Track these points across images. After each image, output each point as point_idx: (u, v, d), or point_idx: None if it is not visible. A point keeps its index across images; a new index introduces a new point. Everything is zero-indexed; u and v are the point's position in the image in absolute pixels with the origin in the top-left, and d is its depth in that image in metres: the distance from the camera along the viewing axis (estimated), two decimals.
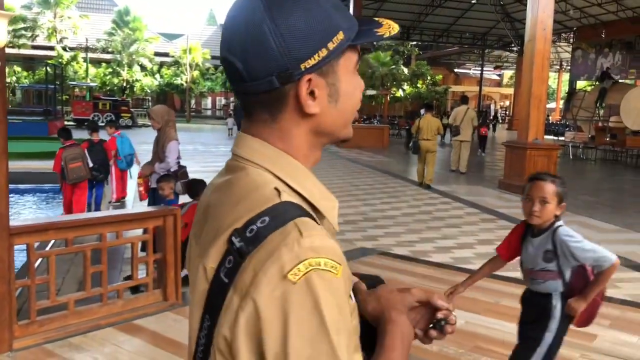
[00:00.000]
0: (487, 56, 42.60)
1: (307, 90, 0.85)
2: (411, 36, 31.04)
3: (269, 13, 0.82)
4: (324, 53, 0.84)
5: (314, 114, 0.87)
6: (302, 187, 0.87)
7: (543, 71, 10.63)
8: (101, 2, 47.54)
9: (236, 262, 0.77)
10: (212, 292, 0.81)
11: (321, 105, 0.88)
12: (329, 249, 0.77)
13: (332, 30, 0.85)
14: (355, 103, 0.94)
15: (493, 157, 18.41)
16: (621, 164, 17.99)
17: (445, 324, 1.06)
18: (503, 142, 12.88)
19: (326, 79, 0.87)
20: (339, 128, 0.94)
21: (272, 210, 0.79)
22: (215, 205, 0.89)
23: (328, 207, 0.91)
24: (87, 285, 4.10)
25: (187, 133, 23.63)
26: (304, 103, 0.86)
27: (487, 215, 8.71)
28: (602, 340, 4.09)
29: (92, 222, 4.23)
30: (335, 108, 0.90)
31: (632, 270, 6.00)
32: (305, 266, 0.73)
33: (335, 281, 0.76)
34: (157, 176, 5.65)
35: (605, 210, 9.33)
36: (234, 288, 0.76)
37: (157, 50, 40.79)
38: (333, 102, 0.89)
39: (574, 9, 23.66)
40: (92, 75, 37.96)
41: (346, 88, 0.90)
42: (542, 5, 10.34)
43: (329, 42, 0.84)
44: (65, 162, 7.69)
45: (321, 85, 0.86)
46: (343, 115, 0.92)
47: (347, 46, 0.88)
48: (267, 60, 0.82)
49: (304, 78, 0.84)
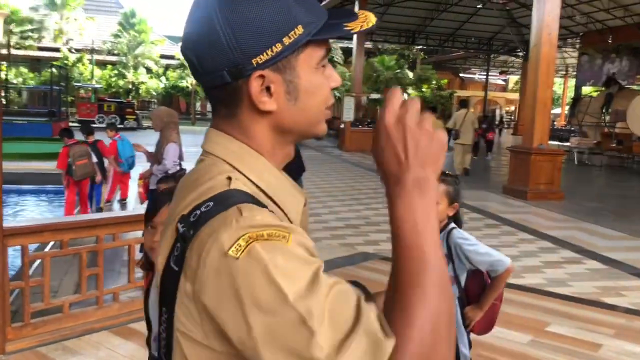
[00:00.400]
0: (493, 61, 42.49)
1: (259, 87, 0.81)
2: (417, 40, 30.99)
3: (218, 6, 0.79)
4: (279, 48, 0.79)
5: (269, 111, 0.83)
6: (259, 179, 0.84)
7: (548, 76, 10.56)
8: (107, 4, 47.64)
9: (182, 248, 0.75)
10: (165, 282, 0.79)
11: (278, 102, 0.83)
12: (274, 224, 0.72)
13: (289, 24, 0.80)
14: (321, 101, 0.87)
15: (498, 162, 18.31)
16: (627, 170, 17.85)
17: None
18: (507, 147, 12.81)
19: (283, 76, 0.82)
20: (304, 126, 0.88)
21: (218, 196, 0.77)
22: (174, 199, 0.87)
23: (290, 202, 0.87)
24: (82, 287, 4.05)
25: (192, 136, 23.48)
26: (256, 100, 0.82)
27: (491, 220, 8.61)
28: (607, 350, 4.00)
29: (88, 223, 4.17)
30: (295, 106, 0.84)
31: (637, 278, 5.90)
32: (246, 240, 0.69)
33: (285, 247, 0.70)
34: (156, 178, 5.61)
35: (610, 217, 9.22)
36: (184, 274, 0.74)
37: (162, 52, 40.85)
38: (292, 99, 0.84)
39: (580, 14, 23.54)
40: (98, 77, 38.06)
41: (307, 86, 0.84)
42: (548, 10, 10.27)
43: (285, 36, 0.79)
44: (73, 159, 7.96)
45: (278, 81, 0.82)
46: (305, 113, 0.86)
47: (309, 41, 0.82)
48: (217, 55, 0.80)
49: (255, 74, 0.80)
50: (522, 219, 8.63)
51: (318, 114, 0.88)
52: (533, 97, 10.58)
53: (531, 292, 5.23)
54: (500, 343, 4.04)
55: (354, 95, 20.25)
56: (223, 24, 0.78)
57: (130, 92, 39.04)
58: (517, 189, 10.82)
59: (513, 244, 7.19)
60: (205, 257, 0.70)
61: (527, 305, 4.88)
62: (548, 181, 10.74)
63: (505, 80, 55.02)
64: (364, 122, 22.30)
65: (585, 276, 5.91)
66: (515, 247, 6.99)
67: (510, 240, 7.35)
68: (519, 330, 4.29)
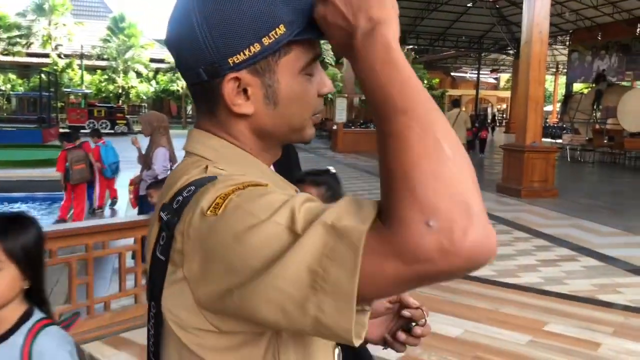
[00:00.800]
0: (484, 59, 42.56)
1: (234, 89, 0.76)
2: (407, 40, 30.99)
3: (197, 2, 0.75)
4: (257, 48, 0.74)
5: (245, 114, 0.78)
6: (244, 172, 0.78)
7: (540, 74, 10.55)
8: (96, 9, 47.38)
9: (168, 237, 0.72)
10: (153, 274, 0.76)
11: (256, 106, 0.78)
12: (254, 182, 0.69)
13: (270, 23, 0.74)
14: (304, 109, 0.81)
15: (491, 161, 18.32)
16: (619, 166, 17.90)
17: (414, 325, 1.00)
18: (501, 145, 12.80)
19: (262, 79, 0.77)
20: (286, 132, 0.82)
21: (198, 180, 0.74)
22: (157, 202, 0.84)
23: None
24: (72, 297, 3.97)
25: (183, 139, 23.40)
26: (229, 102, 0.77)
27: None
28: (606, 348, 3.96)
29: (77, 232, 4.09)
30: (274, 111, 0.79)
31: (633, 274, 5.87)
32: (223, 197, 0.66)
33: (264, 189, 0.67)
34: (146, 184, 5.54)
35: (604, 213, 9.21)
36: (171, 262, 0.71)
37: (152, 56, 40.66)
38: (271, 105, 0.78)
39: (569, 12, 23.62)
40: (87, 82, 37.87)
41: (287, 92, 0.78)
42: (538, 8, 10.26)
43: (265, 36, 0.74)
44: (71, 163, 8.25)
45: (256, 84, 0.77)
46: (286, 120, 0.80)
47: (294, 45, 0.76)
48: (195, 52, 0.76)
49: (229, 76, 0.75)
50: (517, 217, 8.61)
51: (301, 121, 0.82)
52: (525, 95, 10.56)
53: (528, 291, 5.20)
54: (499, 344, 4.00)
55: (345, 97, 20.22)
56: (200, 21, 0.74)
57: (120, 96, 38.87)
58: (511, 187, 10.80)
59: (509, 242, 7.16)
60: (188, 229, 0.68)
61: (525, 304, 4.84)
62: (542, 179, 10.73)
63: (496, 78, 55.20)
64: (357, 123, 22.29)
65: (582, 274, 5.88)
66: (510, 246, 6.95)
67: (506, 239, 7.31)
68: (517, 330, 4.25)
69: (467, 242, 0.54)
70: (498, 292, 5.16)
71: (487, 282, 5.45)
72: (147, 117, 5.99)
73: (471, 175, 0.59)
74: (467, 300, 4.95)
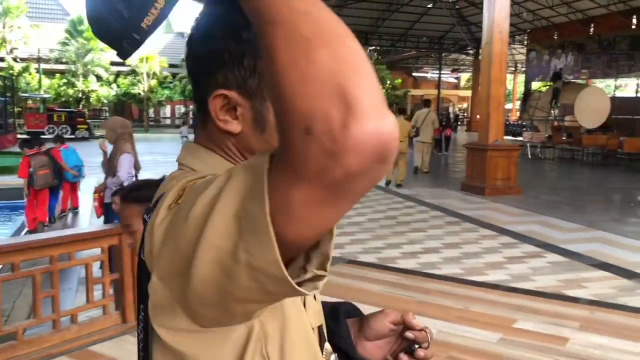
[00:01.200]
0: (444, 59, 43.17)
1: (220, 105, 0.76)
2: (370, 41, 31.20)
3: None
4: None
5: (231, 131, 0.78)
6: None
7: (501, 73, 10.74)
8: (53, 11, 46.18)
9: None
10: (139, 277, 0.75)
11: (244, 126, 0.78)
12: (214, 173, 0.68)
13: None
14: None
15: (455, 159, 18.60)
16: (578, 162, 18.38)
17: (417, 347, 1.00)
18: (464, 144, 12.99)
19: (252, 102, 0.76)
20: None
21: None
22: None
23: None
24: (37, 311, 3.84)
25: (145, 143, 23.09)
26: (215, 118, 0.77)
27: (452, 218, 8.69)
28: (573, 343, 4.05)
29: (40, 243, 3.95)
30: (261, 137, 0.78)
31: (596, 269, 6.03)
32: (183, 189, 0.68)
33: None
34: (111, 191, 5.42)
35: (567, 209, 9.44)
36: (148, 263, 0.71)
37: (113, 59, 39.80)
38: (259, 129, 0.78)
39: (527, 12, 24.16)
40: (46, 87, 36.85)
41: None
42: (498, 9, 10.45)
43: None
44: (35, 168, 8.38)
45: (246, 106, 0.77)
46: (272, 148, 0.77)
47: None
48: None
49: (216, 92, 0.75)
50: (482, 215, 8.75)
51: None
52: (487, 95, 10.74)
53: (496, 289, 5.28)
54: (470, 343, 4.04)
55: None
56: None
57: (80, 100, 37.96)
58: (475, 185, 10.97)
59: (475, 240, 7.26)
60: (154, 224, 0.68)
61: (494, 302, 4.91)
62: (505, 176, 10.93)
63: (457, 78, 56.06)
64: None
65: (548, 270, 6.00)
66: (477, 244, 7.06)
67: (472, 237, 7.42)
68: (488, 328, 4.30)
69: (352, 134, 0.47)
70: (467, 291, 5.22)
71: (455, 280, 5.51)
72: (110, 123, 5.86)
73: (353, 61, 0.50)
74: (437, 299, 4.99)
